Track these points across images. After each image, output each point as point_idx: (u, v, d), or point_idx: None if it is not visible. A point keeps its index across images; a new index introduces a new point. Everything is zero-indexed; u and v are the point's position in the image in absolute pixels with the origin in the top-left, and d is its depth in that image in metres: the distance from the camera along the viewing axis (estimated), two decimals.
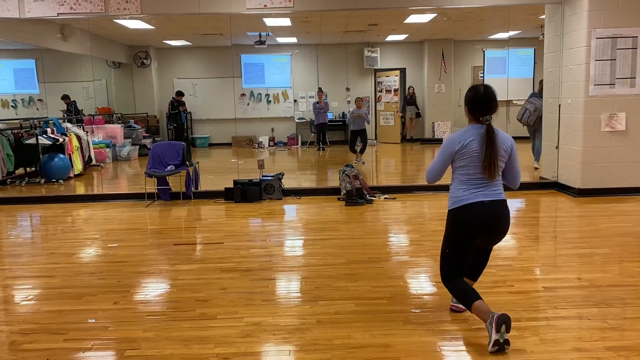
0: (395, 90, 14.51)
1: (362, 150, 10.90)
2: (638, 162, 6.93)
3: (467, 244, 3.05)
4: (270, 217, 6.36)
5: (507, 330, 2.81)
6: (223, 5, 7.20)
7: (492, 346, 2.80)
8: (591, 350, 2.85)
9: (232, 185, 7.29)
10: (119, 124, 12.78)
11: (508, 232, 4.62)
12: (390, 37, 13.66)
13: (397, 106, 14.50)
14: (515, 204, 6.87)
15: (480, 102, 3.00)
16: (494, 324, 2.79)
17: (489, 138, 2.92)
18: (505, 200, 3.04)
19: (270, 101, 14.90)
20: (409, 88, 14.49)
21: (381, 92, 14.69)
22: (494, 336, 2.79)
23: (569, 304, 3.47)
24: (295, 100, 14.88)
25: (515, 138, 3.13)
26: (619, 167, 6.92)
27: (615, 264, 4.27)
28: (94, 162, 10.68)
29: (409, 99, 14.42)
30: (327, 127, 13.47)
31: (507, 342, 2.82)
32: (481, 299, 2.98)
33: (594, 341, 2.95)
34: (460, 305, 3.34)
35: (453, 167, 3.07)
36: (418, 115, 14.56)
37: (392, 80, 14.50)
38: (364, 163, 10.48)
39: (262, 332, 3.18)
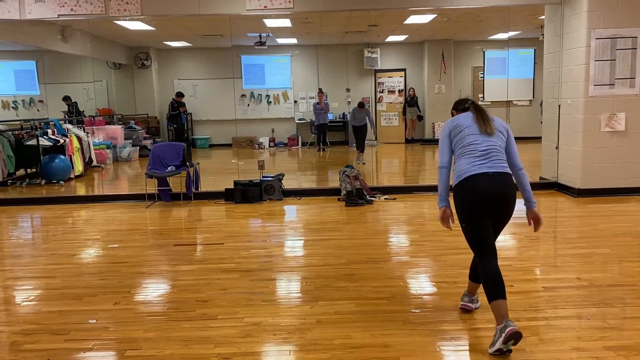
0: (400, 91, 14.55)
1: (362, 149, 10.87)
2: (638, 162, 6.93)
3: (480, 213, 2.96)
4: (271, 218, 6.37)
5: (514, 344, 2.79)
6: (223, 6, 7.22)
7: (494, 351, 2.80)
8: (590, 350, 2.86)
9: (232, 186, 7.30)
10: (120, 125, 12.80)
11: (508, 233, 4.64)
12: (390, 38, 13.68)
13: (401, 106, 14.54)
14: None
15: (461, 99, 3.30)
16: (504, 336, 2.74)
17: (476, 106, 3.15)
18: (509, 174, 3.00)
19: (270, 102, 14.91)
20: (409, 90, 14.49)
21: (382, 92, 14.71)
22: (499, 345, 2.77)
23: (568, 304, 3.48)
24: (295, 101, 14.90)
25: (514, 138, 3.15)
26: (619, 167, 6.93)
27: (615, 263, 4.28)
28: (94, 163, 10.69)
29: (409, 101, 14.42)
30: (328, 128, 13.48)
31: (509, 351, 2.81)
32: (505, 298, 2.86)
33: (593, 341, 2.96)
34: (471, 305, 3.36)
35: (454, 149, 3.09)
36: (420, 118, 14.53)
37: (397, 81, 14.54)
38: (364, 164, 10.49)
39: (262, 332, 3.19)
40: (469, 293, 3.39)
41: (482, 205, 2.95)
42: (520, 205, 3.11)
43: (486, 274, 2.92)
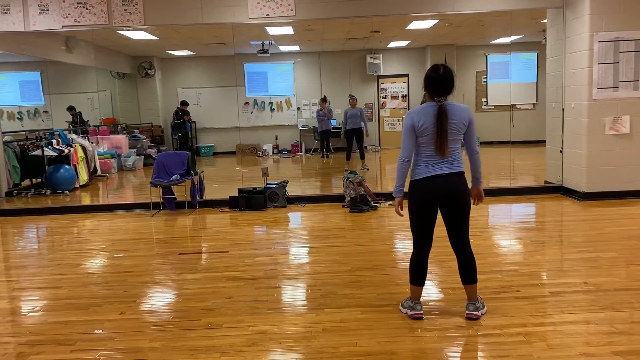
0: (403, 97, 14.56)
1: (362, 155, 10.71)
2: None
3: (426, 211, 3.31)
4: (275, 225, 6.37)
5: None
6: (226, 15, 7.25)
7: (405, 310, 3.48)
8: (599, 355, 2.84)
9: (236, 194, 7.30)
10: (124, 134, 12.85)
11: (514, 237, 4.64)
12: (393, 44, 13.70)
13: (405, 112, 14.53)
14: (520, 209, 6.86)
15: (436, 83, 3.20)
16: (409, 315, 3.40)
17: (440, 119, 3.15)
18: (462, 173, 3.27)
19: (273, 109, 14.95)
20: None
21: (385, 98, 14.72)
22: (406, 313, 3.44)
23: (575, 309, 3.46)
24: (298, 108, 14.93)
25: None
26: (624, 170, 6.90)
27: (622, 267, 4.25)
28: (99, 172, 10.73)
29: None
30: (331, 134, 13.47)
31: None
32: (422, 286, 3.41)
33: (601, 346, 2.94)
34: (477, 313, 3.34)
35: (417, 143, 3.27)
36: None
37: (400, 86, 14.55)
38: (368, 169, 10.48)
39: (268, 340, 3.18)
40: (471, 300, 3.38)
41: (431, 205, 3.29)
42: (520, 210, 3.10)
43: (414, 262, 3.41)
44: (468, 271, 3.34)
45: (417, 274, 3.40)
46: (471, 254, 3.37)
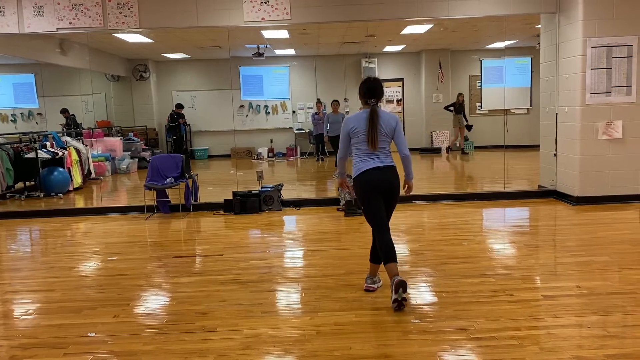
0: (398, 101, 14.61)
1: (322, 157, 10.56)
2: (635, 169, 6.95)
3: (373, 198, 3.77)
4: (270, 229, 6.37)
5: (404, 292, 3.51)
6: (221, 18, 7.26)
7: (392, 303, 3.52)
8: (591, 359, 2.85)
9: (231, 197, 7.30)
10: (118, 137, 12.81)
11: (507, 241, 4.69)
12: (388, 48, 13.75)
13: (399, 115, 14.60)
14: (514, 213, 6.89)
15: (368, 89, 3.79)
16: (393, 287, 3.50)
17: (371, 118, 3.72)
18: (394, 167, 3.78)
19: (269, 112, 14.96)
20: (458, 95, 13.76)
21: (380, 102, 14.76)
22: (394, 296, 3.51)
23: (568, 312, 3.47)
24: (293, 112, 14.95)
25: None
26: (617, 175, 6.95)
27: (615, 271, 4.28)
28: (93, 175, 10.69)
29: (457, 107, 13.58)
30: None
31: (404, 299, 3.53)
32: (396, 262, 3.66)
33: (594, 349, 2.95)
34: (373, 285, 3.97)
35: (352, 144, 3.83)
36: (469, 127, 13.60)
37: (394, 90, 14.60)
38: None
39: (262, 344, 3.18)
40: (371, 275, 4.01)
41: (375, 192, 3.75)
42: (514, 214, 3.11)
43: (382, 244, 3.73)
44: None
45: (390, 252, 3.67)
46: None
